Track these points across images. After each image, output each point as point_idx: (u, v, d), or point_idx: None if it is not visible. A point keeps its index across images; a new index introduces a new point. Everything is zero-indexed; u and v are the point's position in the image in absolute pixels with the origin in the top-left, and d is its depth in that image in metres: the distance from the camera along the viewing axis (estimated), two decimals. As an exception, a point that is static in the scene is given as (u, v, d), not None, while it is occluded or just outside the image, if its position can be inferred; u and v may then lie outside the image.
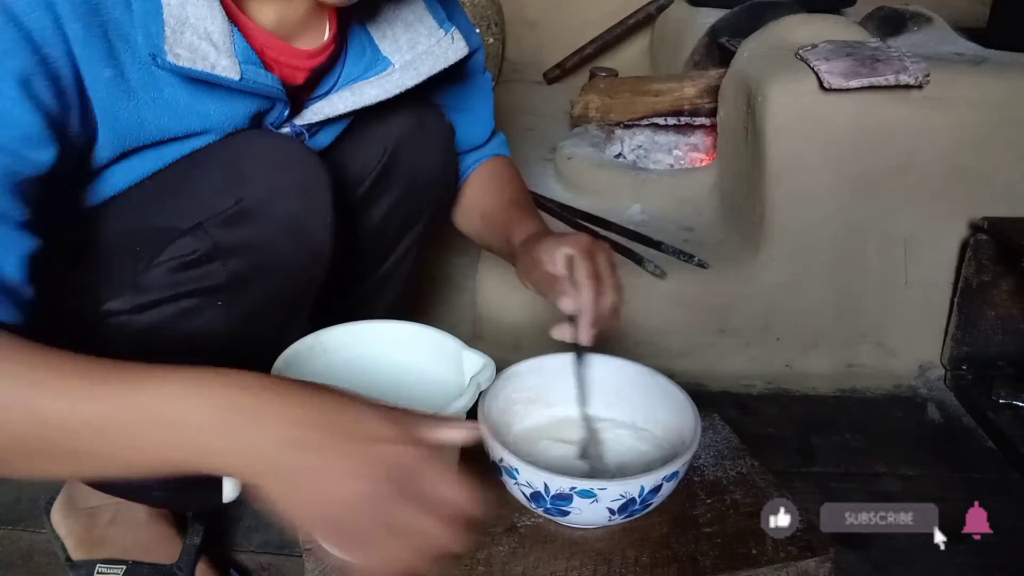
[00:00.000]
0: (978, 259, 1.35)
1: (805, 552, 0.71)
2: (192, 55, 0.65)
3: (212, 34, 0.66)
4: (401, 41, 0.83)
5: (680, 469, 0.69)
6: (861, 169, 1.35)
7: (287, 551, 0.99)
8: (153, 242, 0.70)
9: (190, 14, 0.65)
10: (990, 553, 1.01)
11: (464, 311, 1.45)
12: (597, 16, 2.47)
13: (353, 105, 0.81)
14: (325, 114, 0.81)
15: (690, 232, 1.54)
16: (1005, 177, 1.35)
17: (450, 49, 0.85)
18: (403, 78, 0.82)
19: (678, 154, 1.81)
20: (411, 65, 0.83)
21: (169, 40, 0.64)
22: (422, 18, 0.85)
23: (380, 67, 0.83)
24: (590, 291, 0.76)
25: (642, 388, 0.81)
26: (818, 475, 1.19)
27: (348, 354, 0.81)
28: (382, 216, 0.95)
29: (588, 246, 0.78)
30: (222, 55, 0.67)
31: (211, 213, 0.70)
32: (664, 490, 0.69)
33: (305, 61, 0.78)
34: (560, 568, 0.69)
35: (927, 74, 1.28)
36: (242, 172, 0.72)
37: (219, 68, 0.67)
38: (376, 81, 0.82)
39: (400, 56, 0.83)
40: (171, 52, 0.64)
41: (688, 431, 0.72)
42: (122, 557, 0.90)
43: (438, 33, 0.85)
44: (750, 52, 1.51)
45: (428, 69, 0.83)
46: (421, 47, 0.84)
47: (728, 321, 1.42)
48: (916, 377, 1.43)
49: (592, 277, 0.76)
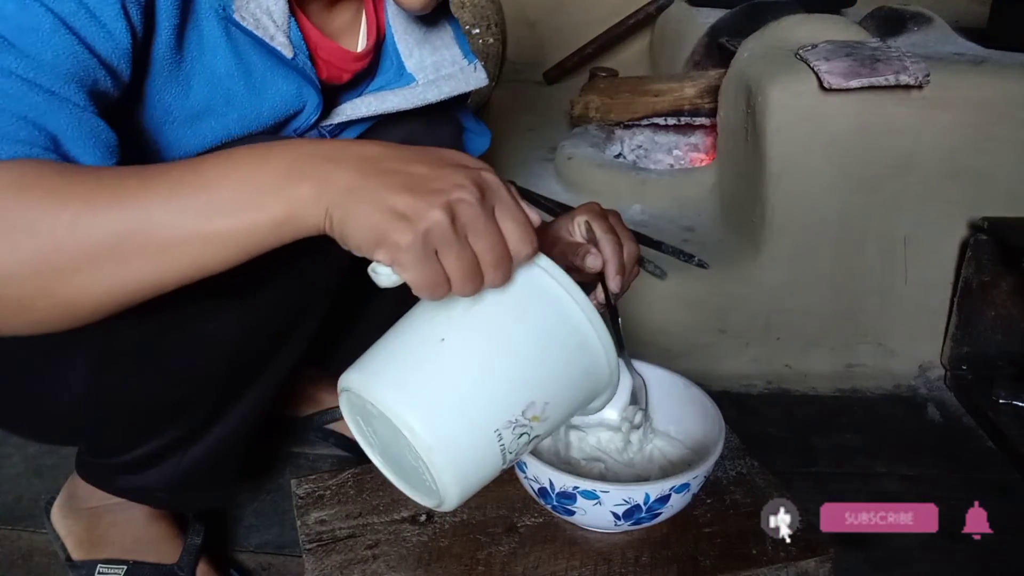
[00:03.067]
0: (978, 259, 1.35)
1: (805, 552, 0.71)
2: (255, 21, 0.68)
3: (273, 13, 0.69)
4: (427, 63, 0.88)
5: (692, 482, 0.68)
6: (861, 169, 1.35)
7: (287, 551, 1.00)
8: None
9: None
10: (990, 553, 1.01)
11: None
12: (597, 16, 2.47)
13: (375, 111, 0.85)
14: (347, 115, 0.84)
15: (690, 232, 1.54)
16: (1005, 177, 1.35)
17: (472, 77, 0.90)
18: (425, 93, 0.87)
19: (678, 154, 1.81)
20: (434, 84, 0.88)
21: (237, 2, 0.66)
22: (449, 46, 0.90)
23: (404, 82, 0.88)
24: (611, 242, 0.77)
25: (675, 398, 0.81)
26: (818, 475, 1.19)
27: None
28: None
29: (599, 210, 0.81)
30: (279, 32, 0.70)
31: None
32: (674, 501, 0.68)
33: (352, 64, 0.82)
34: (560, 568, 0.69)
35: (927, 74, 1.28)
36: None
37: (276, 42, 0.70)
38: (400, 91, 0.86)
39: (424, 75, 0.88)
40: (238, 12, 0.66)
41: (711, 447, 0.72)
42: (122, 557, 0.90)
43: (462, 62, 0.90)
44: (750, 52, 1.51)
45: (450, 89, 0.88)
46: (445, 71, 0.89)
47: (728, 321, 1.42)
48: (916, 377, 1.43)
49: (610, 231, 0.78)
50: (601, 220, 0.79)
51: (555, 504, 0.69)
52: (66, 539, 0.92)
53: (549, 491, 0.68)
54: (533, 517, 0.74)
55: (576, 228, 0.80)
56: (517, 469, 0.71)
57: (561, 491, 0.67)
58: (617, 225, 0.80)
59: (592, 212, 0.80)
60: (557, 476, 0.67)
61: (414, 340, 0.58)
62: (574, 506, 0.67)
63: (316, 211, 0.49)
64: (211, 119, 0.71)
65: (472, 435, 0.56)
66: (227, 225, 0.49)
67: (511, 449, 0.58)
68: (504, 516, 0.74)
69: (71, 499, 0.93)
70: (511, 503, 0.75)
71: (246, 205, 0.49)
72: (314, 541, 0.72)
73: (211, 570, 0.93)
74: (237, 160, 0.51)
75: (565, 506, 0.68)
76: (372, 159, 0.51)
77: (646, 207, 1.60)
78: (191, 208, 0.49)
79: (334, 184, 0.49)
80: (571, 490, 0.66)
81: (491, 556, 0.70)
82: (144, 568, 0.89)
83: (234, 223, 0.49)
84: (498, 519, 0.74)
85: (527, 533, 0.73)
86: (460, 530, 0.72)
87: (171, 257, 0.50)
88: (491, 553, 0.70)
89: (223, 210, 0.49)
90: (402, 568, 0.69)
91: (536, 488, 0.70)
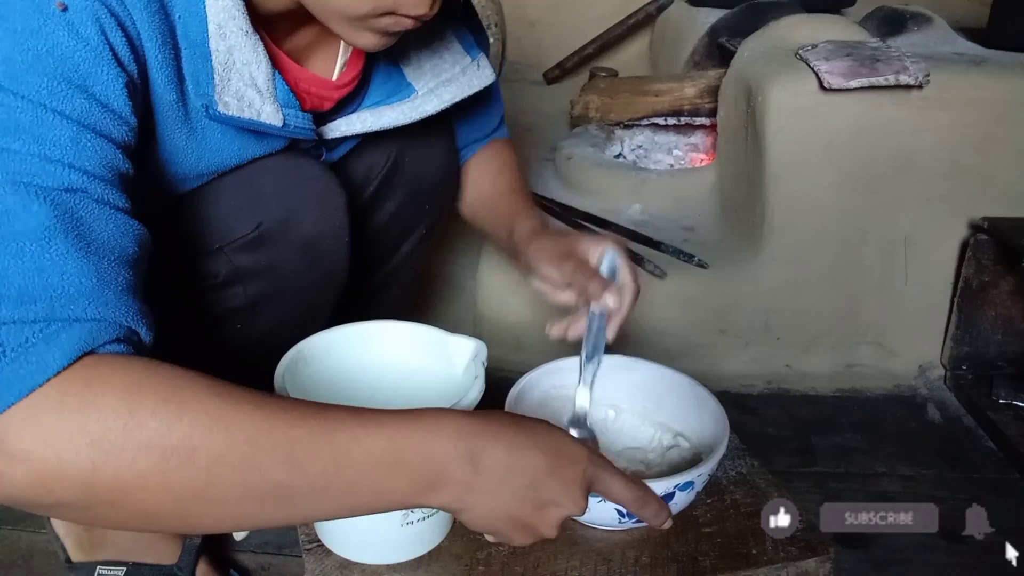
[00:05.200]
0: (978, 259, 1.35)
1: (805, 552, 0.71)
2: (240, 103, 0.65)
3: (257, 79, 0.66)
4: (425, 67, 0.84)
5: (696, 480, 0.68)
6: (861, 169, 1.35)
7: (287, 551, 1.00)
8: (176, 263, 0.71)
9: (236, 59, 0.65)
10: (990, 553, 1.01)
11: (464, 311, 1.45)
12: (597, 16, 2.47)
13: (371, 127, 0.82)
14: (342, 132, 0.81)
15: (690, 232, 1.54)
16: (1005, 177, 1.35)
17: (475, 76, 0.85)
18: (424, 104, 0.82)
19: (678, 154, 1.81)
20: (434, 92, 0.83)
21: (218, 88, 0.64)
22: (448, 44, 0.85)
23: (403, 93, 0.83)
24: (631, 293, 0.79)
25: (678, 397, 0.81)
26: (818, 475, 1.19)
27: (331, 362, 0.77)
28: (386, 220, 0.96)
29: (623, 248, 0.82)
30: (266, 101, 0.67)
31: (232, 237, 0.71)
32: (678, 499, 0.68)
33: (334, 92, 0.79)
34: (560, 568, 0.69)
35: (927, 74, 1.28)
36: (261, 195, 0.73)
37: (264, 115, 0.67)
38: (398, 106, 0.82)
39: (424, 83, 0.83)
40: (220, 101, 0.64)
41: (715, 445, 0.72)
42: (122, 558, 0.90)
43: (464, 60, 0.85)
44: (750, 52, 1.51)
45: (451, 96, 0.84)
46: (445, 74, 0.84)
47: (728, 321, 1.42)
48: (916, 377, 1.43)
49: (635, 280, 0.81)
50: (628, 266, 0.81)
51: None
52: (66, 540, 0.92)
53: None
54: (533, 517, 0.74)
55: (601, 259, 0.82)
56: None
57: None
58: (633, 268, 0.82)
59: (619, 247, 0.82)
60: None
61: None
62: None
63: (447, 507, 0.54)
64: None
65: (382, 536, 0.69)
66: (366, 508, 0.53)
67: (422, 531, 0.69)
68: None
69: (71, 499, 0.93)
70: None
71: (384, 505, 0.53)
72: (314, 541, 0.72)
73: (211, 570, 0.93)
74: (377, 459, 0.51)
75: None
76: (509, 472, 0.53)
77: (646, 207, 1.60)
78: (336, 502, 0.51)
79: (470, 499, 0.53)
80: None
81: (491, 556, 0.70)
82: (144, 569, 0.89)
83: (373, 507, 0.53)
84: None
85: (527, 533, 0.73)
86: (460, 530, 0.72)
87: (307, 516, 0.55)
88: (491, 553, 0.70)
89: (362, 506, 0.52)
90: (402, 568, 0.69)
91: None
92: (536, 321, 1.37)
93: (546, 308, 0.85)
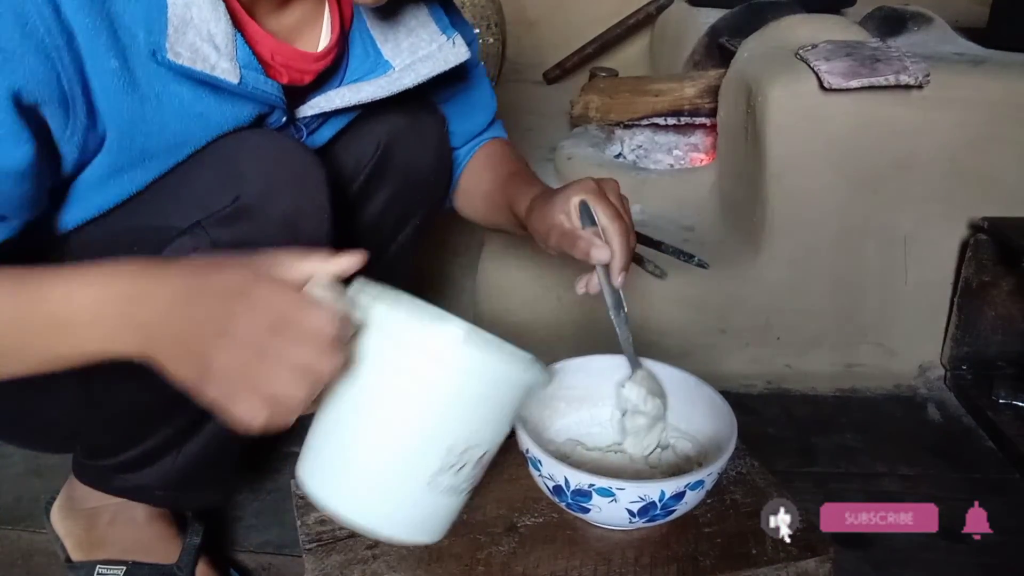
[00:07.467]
0: (978, 259, 1.35)
1: (805, 552, 0.71)
2: (193, 55, 0.65)
3: (215, 36, 0.66)
4: (403, 45, 0.84)
5: (706, 479, 0.68)
6: (861, 169, 1.35)
7: (287, 551, 1.00)
8: (151, 242, 0.70)
9: (194, 15, 0.65)
10: (990, 553, 1.01)
11: (464, 311, 1.45)
12: (597, 16, 2.47)
13: (349, 101, 0.82)
14: (320, 108, 0.81)
15: (690, 232, 1.54)
16: (1005, 177, 1.35)
17: (451, 53, 0.86)
18: (402, 78, 0.83)
19: (678, 154, 1.81)
20: (411, 68, 0.84)
21: (171, 39, 0.64)
22: (425, 23, 0.85)
23: (381, 70, 0.84)
24: (618, 233, 0.77)
25: (684, 396, 0.82)
26: (818, 475, 1.19)
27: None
28: (378, 211, 0.95)
29: (596, 188, 0.79)
30: (223, 58, 0.67)
31: (209, 212, 0.71)
32: (689, 498, 0.68)
33: (312, 64, 0.79)
34: (560, 568, 0.69)
35: (927, 74, 1.28)
36: (239, 170, 0.72)
37: (218, 70, 0.67)
38: (375, 81, 0.83)
39: (401, 60, 0.84)
40: (171, 50, 0.64)
41: (723, 444, 0.72)
42: (122, 558, 0.90)
43: (440, 38, 0.86)
44: (750, 52, 1.51)
45: (428, 71, 0.84)
46: (422, 51, 0.84)
47: (728, 321, 1.42)
48: (916, 377, 1.43)
49: (616, 219, 0.77)
50: (602, 202, 0.78)
51: (570, 502, 0.69)
52: (65, 540, 0.92)
53: (564, 489, 0.68)
54: (533, 517, 0.74)
55: (572, 211, 0.79)
56: (531, 467, 0.71)
57: (576, 489, 0.67)
58: (619, 203, 0.79)
59: (590, 191, 0.79)
60: (572, 474, 0.67)
61: (329, 435, 0.60)
62: (589, 503, 0.67)
63: (126, 355, 0.58)
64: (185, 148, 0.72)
65: (404, 499, 0.59)
66: (44, 361, 0.59)
67: (456, 486, 0.60)
68: (504, 516, 0.74)
69: (70, 500, 0.93)
70: (511, 503, 0.76)
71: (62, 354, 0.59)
72: (314, 541, 0.72)
73: (211, 570, 0.93)
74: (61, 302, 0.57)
75: (580, 503, 0.68)
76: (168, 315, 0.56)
77: (646, 207, 1.60)
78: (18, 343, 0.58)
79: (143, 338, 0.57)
80: (587, 488, 0.66)
81: (491, 556, 0.70)
82: (143, 568, 0.89)
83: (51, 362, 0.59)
84: (498, 519, 0.74)
85: (527, 533, 0.73)
86: (460, 530, 0.72)
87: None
88: (491, 553, 0.70)
89: (43, 354, 0.59)
90: (402, 568, 0.69)
91: (551, 486, 0.69)
92: (536, 320, 1.37)
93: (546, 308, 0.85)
